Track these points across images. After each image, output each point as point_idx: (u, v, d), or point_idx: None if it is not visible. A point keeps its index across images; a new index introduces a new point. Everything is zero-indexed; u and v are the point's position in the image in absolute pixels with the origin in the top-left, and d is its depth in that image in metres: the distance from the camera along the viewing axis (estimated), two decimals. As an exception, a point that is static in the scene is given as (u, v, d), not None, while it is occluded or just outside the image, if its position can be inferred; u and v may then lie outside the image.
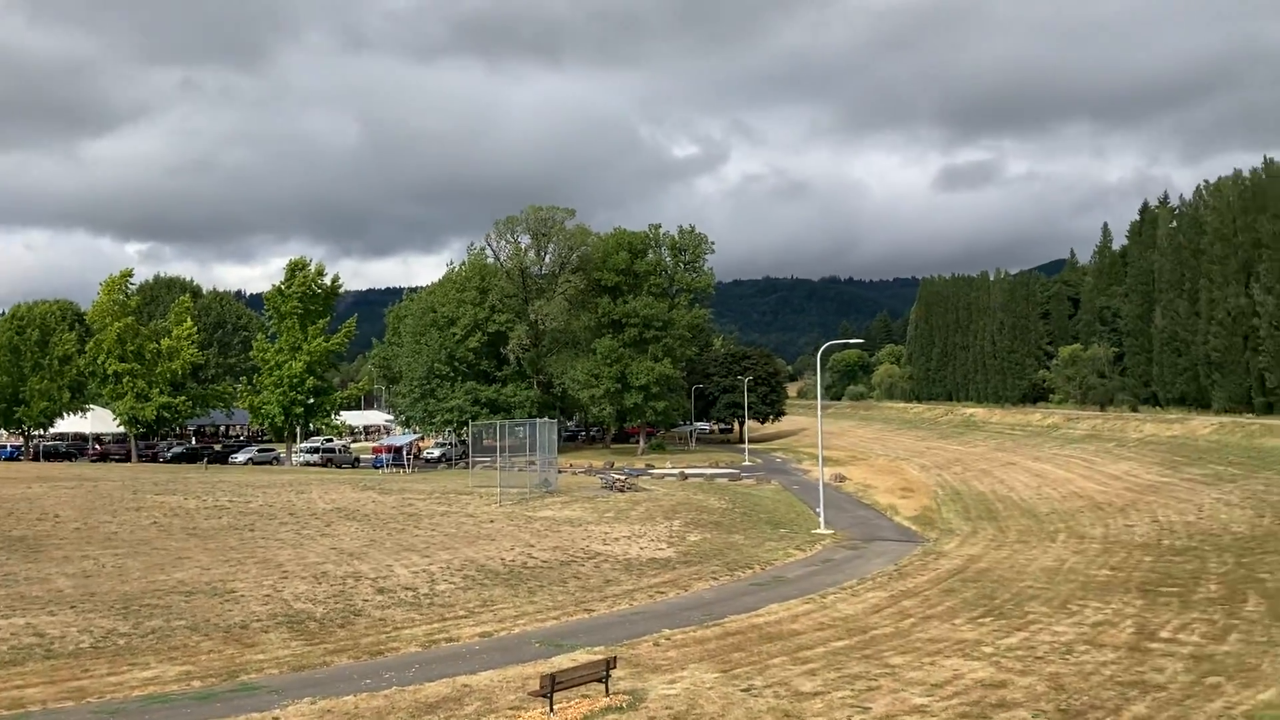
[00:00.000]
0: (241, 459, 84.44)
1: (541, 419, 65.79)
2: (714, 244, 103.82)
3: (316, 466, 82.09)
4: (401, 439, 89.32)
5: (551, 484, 56.05)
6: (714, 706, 21.45)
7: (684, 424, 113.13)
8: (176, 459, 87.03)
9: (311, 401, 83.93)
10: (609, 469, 75.22)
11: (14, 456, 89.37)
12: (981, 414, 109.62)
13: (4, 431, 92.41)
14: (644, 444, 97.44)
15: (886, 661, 24.62)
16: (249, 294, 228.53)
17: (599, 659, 22.93)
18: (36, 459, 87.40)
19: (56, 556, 36.33)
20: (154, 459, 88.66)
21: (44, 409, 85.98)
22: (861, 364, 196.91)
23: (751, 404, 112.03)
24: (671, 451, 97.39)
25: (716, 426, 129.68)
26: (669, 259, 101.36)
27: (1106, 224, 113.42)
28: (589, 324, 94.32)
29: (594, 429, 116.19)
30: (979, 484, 63.65)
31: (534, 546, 39.50)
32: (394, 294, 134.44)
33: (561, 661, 24.55)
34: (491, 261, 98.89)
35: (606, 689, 22.28)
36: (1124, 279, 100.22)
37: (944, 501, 57.47)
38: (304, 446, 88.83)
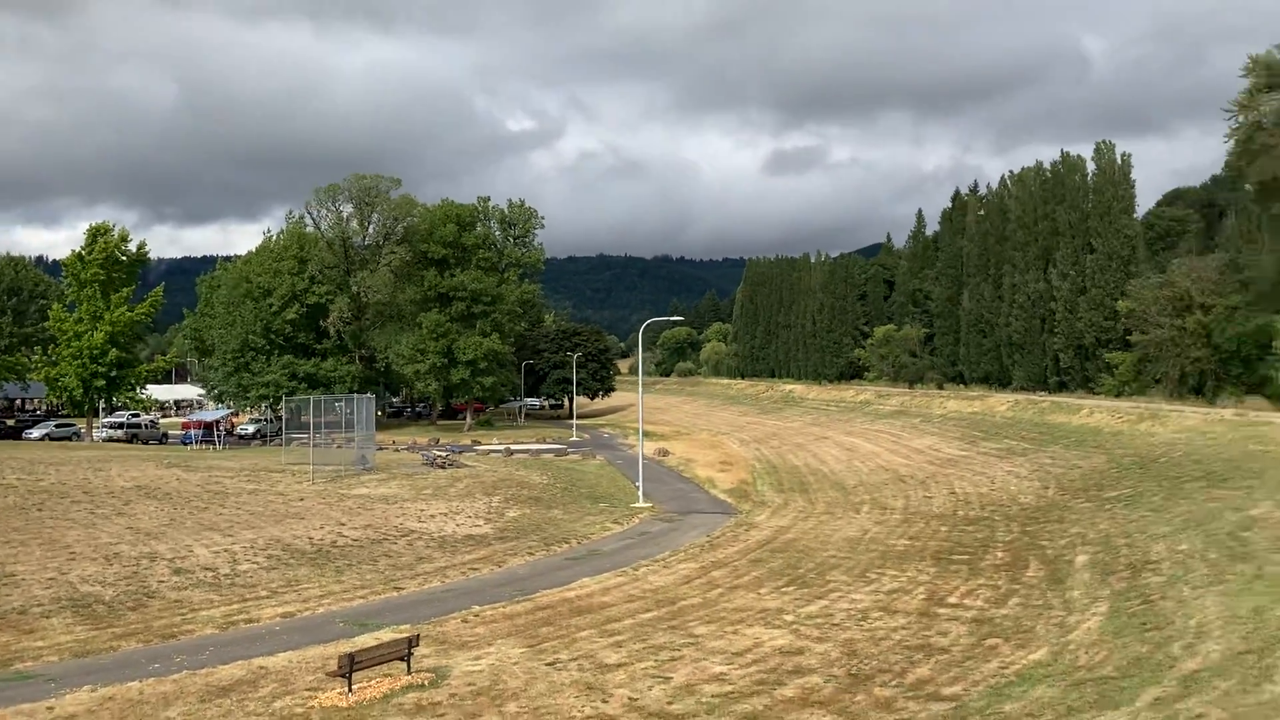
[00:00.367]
0: (36, 434, 79.18)
1: (359, 394, 64.15)
2: (544, 219, 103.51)
3: (120, 443, 77.81)
4: (213, 414, 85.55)
5: (369, 461, 54.77)
6: (517, 681, 21.43)
7: (513, 400, 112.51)
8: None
9: (114, 374, 79.34)
10: (433, 446, 74.13)
11: None
12: (800, 390, 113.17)
13: None
14: (471, 420, 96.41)
15: (691, 631, 25.14)
16: (51, 260, 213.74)
17: (402, 637, 22.57)
18: None
19: None
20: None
21: None
22: (690, 341, 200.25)
23: (582, 380, 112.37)
24: (500, 428, 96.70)
25: (547, 403, 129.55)
26: (498, 233, 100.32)
27: (921, 211, 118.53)
28: (415, 297, 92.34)
29: (420, 405, 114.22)
30: (794, 458, 65.70)
31: (345, 525, 38.52)
32: (212, 262, 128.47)
33: (365, 641, 24.03)
34: (311, 231, 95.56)
35: (408, 667, 21.96)
36: (935, 263, 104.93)
37: (760, 475, 59.08)
38: (108, 421, 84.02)
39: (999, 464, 51.49)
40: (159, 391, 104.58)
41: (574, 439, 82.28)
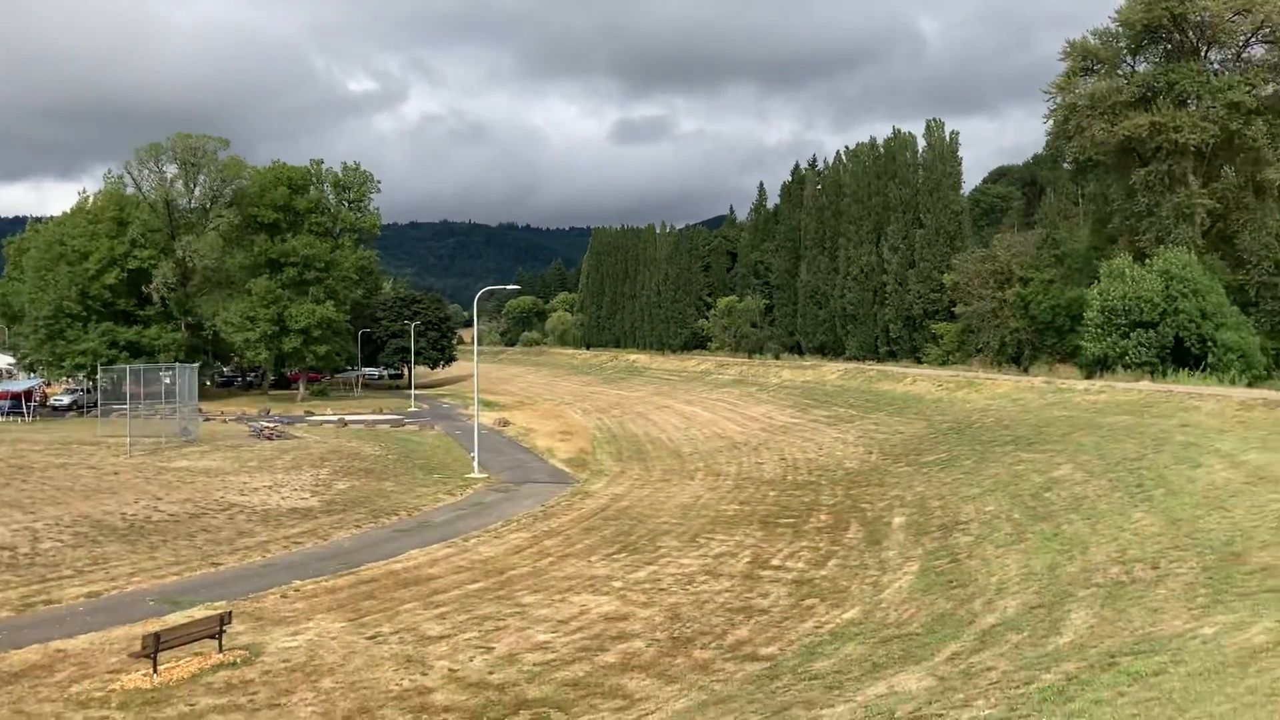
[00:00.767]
0: None
1: (182, 364, 61.26)
2: (380, 183, 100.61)
3: (-84, 416, 72.24)
4: (23, 384, 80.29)
5: (191, 433, 52.44)
6: (334, 656, 20.91)
7: (350, 370, 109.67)
8: None
9: (-92, 342, 73.58)
10: (263, 416, 71.59)
11: None
12: (644, 360, 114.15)
13: None
14: (304, 390, 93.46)
15: (519, 601, 25.03)
16: None
17: (213, 615, 21.74)
18: None
19: None
20: None
21: None
22: (537, 311, 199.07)
23: (421, 349, 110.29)
24: (335, 398, 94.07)
25: (387, 373, 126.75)
26: (332, 197, 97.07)
27: (762, 184, 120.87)
28: (244, 263, 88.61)
29: (252, 375, 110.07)
30: (634, 426, 66.23)
31: (162, 499, 36.78)
32: (23, 223, 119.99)
33: (177, 619, 23.03)
34: (132, 192, 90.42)
35: (220, 645, 21.16)
36: (775, 236, 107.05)
37: (600, 444, 59.32)
38: (-99, 393, 77.85)
39: (828, 430, 53.09)
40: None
41: (412, 409, 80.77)
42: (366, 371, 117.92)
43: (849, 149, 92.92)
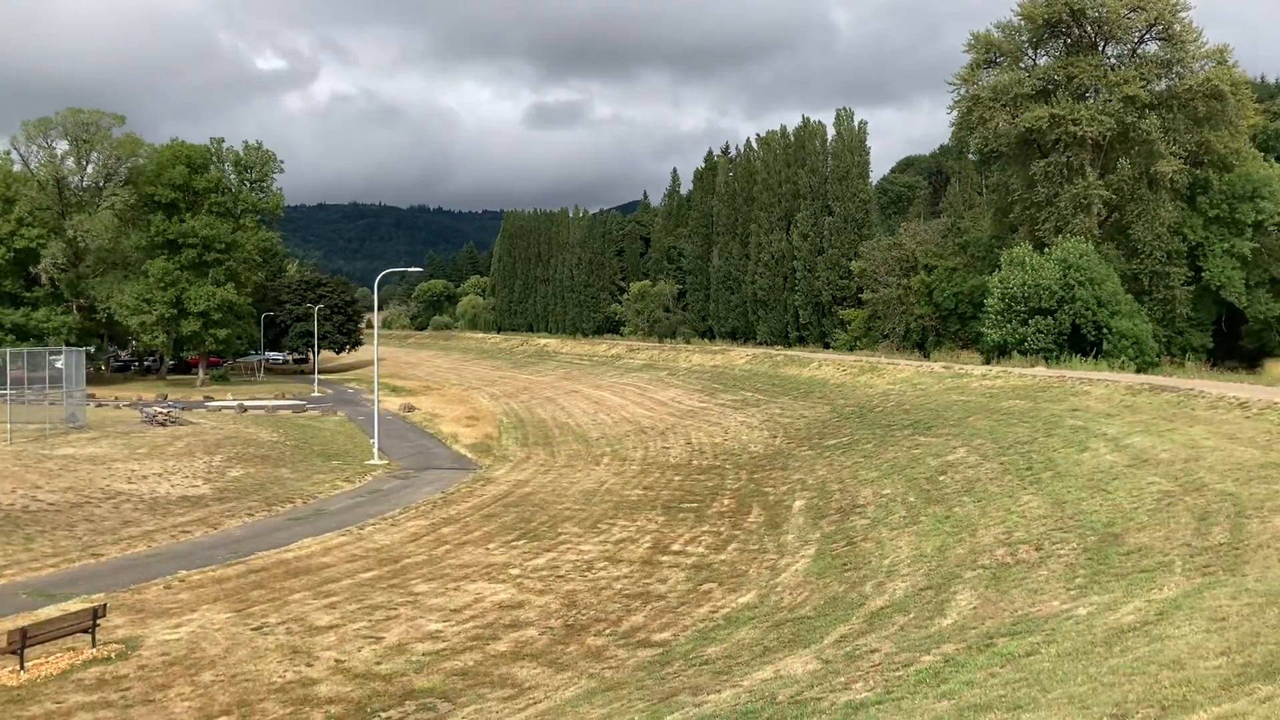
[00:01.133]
0: None
1: (70, 347, 58.88)
2: (283, 162, 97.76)
3: None
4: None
5: (79, 419, 50.43)
6: (217, 648, 20.25)
7: (253, 354, 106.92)
8: None
9: None
10: (159, 402, 69.31)
11: None
12: (554, 344, 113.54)
13: None
14: (204, 375, 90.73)
15: (412, 590, 24.54)
16: None
17: (87, 608, 20.89)
18: None
19: None
20: None
21: None
22: (448, 294, 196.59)
23: (327, 333, 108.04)
24: (237, 383, 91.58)
25: (292, 357, 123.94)
26: (233, 177, 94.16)
27: (676, 170, 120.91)
28: (140, 243, 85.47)
29: (150, 359, 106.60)
30: (542, 411, 65.74)
31: (41, 488, 35.24)
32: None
33: (50, 613, 22.09)
34: (20, 169, 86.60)
35: (93, 640, 20.32)
36: (689, 221, 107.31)
37: (506, 429, 58.73)
38: None
39: (734, 415, 53.31)
40: None
41: (315, 394, 79.03)
42: (270, 356, 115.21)
43: (759, 136, 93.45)
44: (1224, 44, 59.13)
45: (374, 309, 55.82)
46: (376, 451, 46.15)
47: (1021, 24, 61.93)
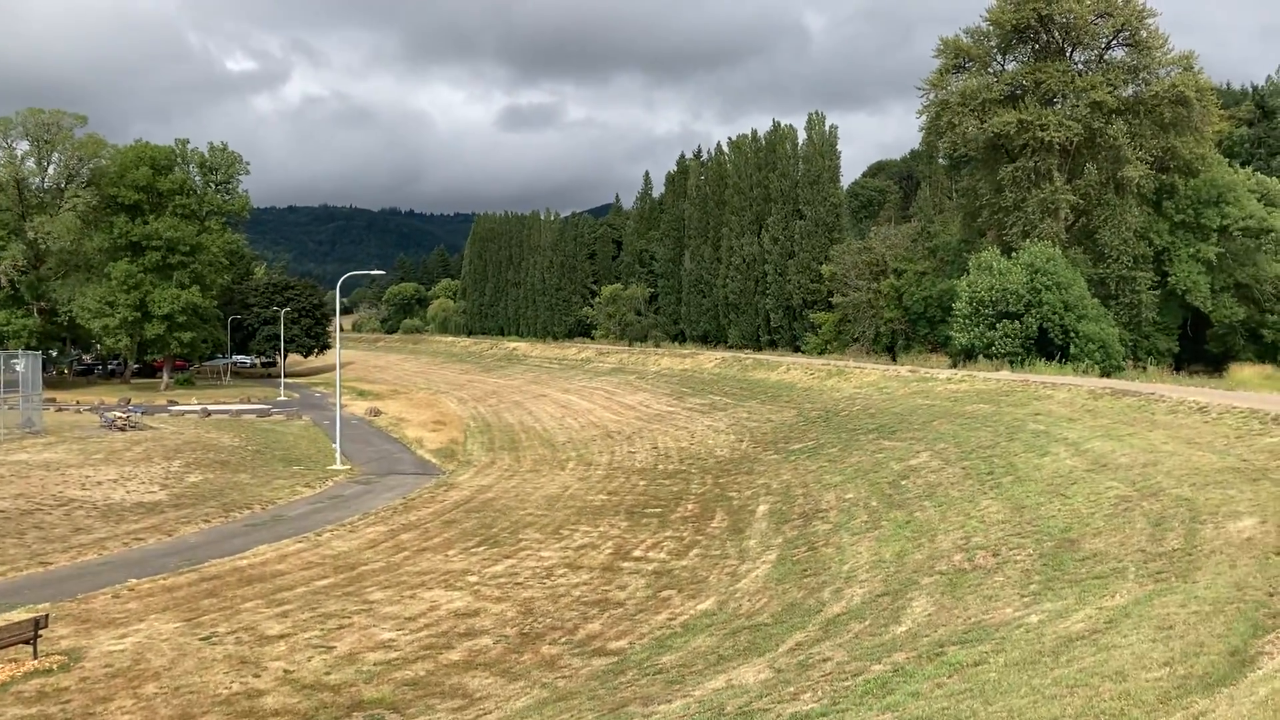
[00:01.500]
0: None
1: (27, 351, 57.97)
2: (249, 164, 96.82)
3: None
4: None
5: (35, 424, 49.61)
6: (162, 659, 19.79)
7: (220, 358, 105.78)
8: None
9: None
10: (120, 406, 68.33)
11: None
12: (524, 348, 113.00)
13: None
14: (168, 379, 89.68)
15: (367, 598, 24.13)
16: None
17: (28, 618, 20.36)
18: None
19: None
20: None
21: None
22: (419, 298, 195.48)
23: (295, 336, 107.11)
24: (202, 387, 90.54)
25: (259, 360, 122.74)
26: (198, 178, 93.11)
27: (648, 173, 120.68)
28: (104, 245, 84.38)
29: (114, 363, 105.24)
30: (509, 415, 65.27)
31: (-8, 494, 34.57)
32: None
33: (-8, 624, 21.50)
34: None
35: (35, 651, 19.80)
36: (660, 225, 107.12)
37: (473, 434, 58.25)
38: None
39: (701, 419, 53.09)
40: None
41: (281, 399, 78.17)
42: (237, 360, 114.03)
43: (732, 140, 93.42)
44: (1190, 50, 59.58)
45: (337, 311, 55.17)
46: (339, 456, 45.61)
47: (990, 29, 62.14)
